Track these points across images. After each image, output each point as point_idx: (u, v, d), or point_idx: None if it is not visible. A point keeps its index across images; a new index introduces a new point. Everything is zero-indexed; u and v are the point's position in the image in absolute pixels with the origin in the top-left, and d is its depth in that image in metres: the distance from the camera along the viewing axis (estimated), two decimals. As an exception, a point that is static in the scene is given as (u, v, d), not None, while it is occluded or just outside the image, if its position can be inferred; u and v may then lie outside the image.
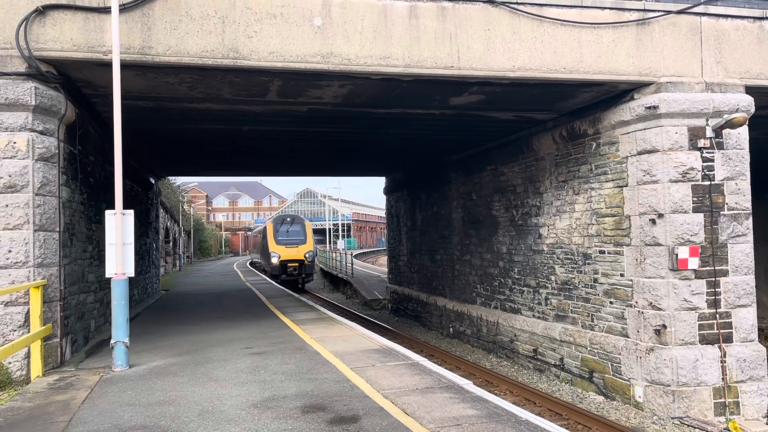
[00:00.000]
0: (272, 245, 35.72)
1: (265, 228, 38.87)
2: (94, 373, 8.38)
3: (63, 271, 8.90)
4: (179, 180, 53.65)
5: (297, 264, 35.22)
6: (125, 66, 8.36)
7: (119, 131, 8.41)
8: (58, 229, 8.71)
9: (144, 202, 19.66)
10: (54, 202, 8.64)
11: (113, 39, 8.00)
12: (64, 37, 8.13)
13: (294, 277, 34.92)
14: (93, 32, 8.19)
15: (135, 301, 17.01)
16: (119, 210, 8.46)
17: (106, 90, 8.99)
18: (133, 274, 8.62)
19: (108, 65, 8.23)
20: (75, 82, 9.27)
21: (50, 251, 8.53)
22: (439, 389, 7.03)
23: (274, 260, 34.85)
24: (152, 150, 16.37)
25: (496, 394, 9.36)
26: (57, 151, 8.68)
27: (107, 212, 8.57)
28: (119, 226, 8.42)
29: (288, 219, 38.06)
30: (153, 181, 22.09)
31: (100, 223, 11.29)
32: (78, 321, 9.98)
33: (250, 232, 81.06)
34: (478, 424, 5.70)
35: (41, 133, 8.39)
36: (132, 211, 8.65)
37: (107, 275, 8.47)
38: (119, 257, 8.40)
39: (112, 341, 8.48)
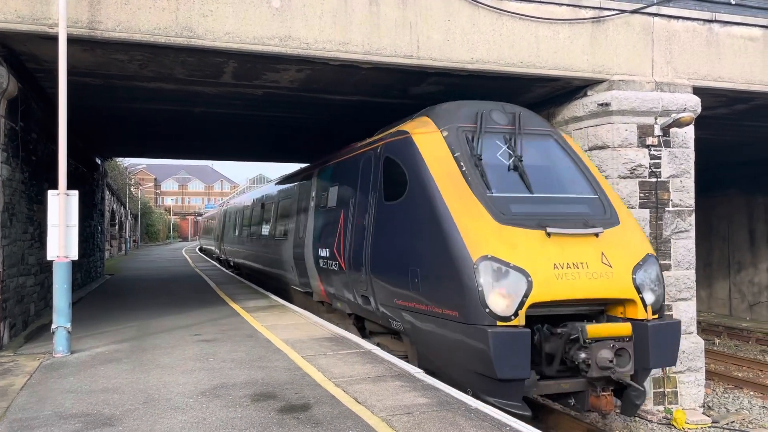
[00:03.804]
0: (472, 235, 6.93)
1: (409, 155, 8.23)
2: (34, 358, 8.07)
3: (2, 253, 8.51)
4: (127, 161, 52.14)
5: (628, 330, 6.94)
6: (72, 41, 8.00)
7: (64, 108, 8.06)
8: (-4, 209, 8.33)
9: (89, 183, 19.00)
10: (-7, 180, 8.25)
11: (60, 12, 7.64)
12: (8, 8, 7.71)
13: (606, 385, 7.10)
14: (38, 4, 7.80)
15: (78, 285, 16.47)
16: (63, 190, 8.13)
17: (52, 65, 8.60)
18: (76, 257, 8.31)
19: (54, 39, 7.86)
20: (18, 56, 8.84)
21: (-12, 231, 8.15)
22: (391, 378, 7.05)
23: (499, 306, 6.55)
24: (99, 129, 15.82)
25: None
26: (-3, 126, 8.28)
27: (50, 192, 8.22)
28: (62, 207, 8.09)
29: (507, 115, 8.42)
30: (99, 162, 21.38)
31: (42, 203, 10.85)
32: (17, 305, 9.59)
33: (200, 218, 78.91)
34: (429, 412, 5.73)
35: (-20, 107, 7.99)
36: (76, 192, 8.33)
37: (49, 258, 8.15)
38: (62, 239, 8.08)
39: (53, 326, 8.16)
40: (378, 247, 8.70)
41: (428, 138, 8.20)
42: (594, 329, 6.81)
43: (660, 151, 10.34)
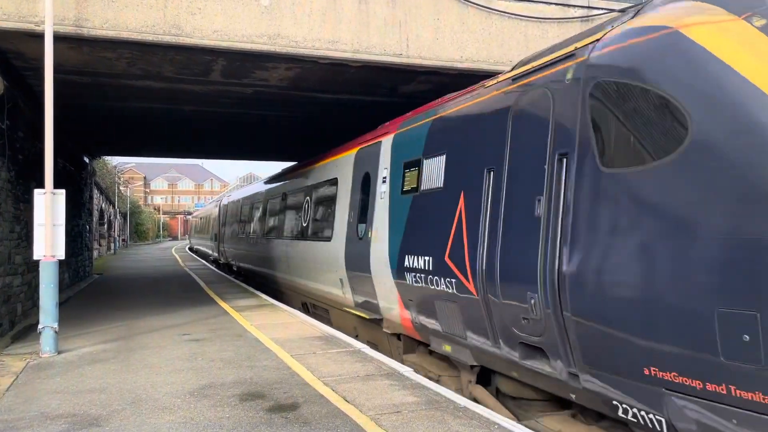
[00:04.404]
0: None
1: None
2: (20, 359, 8.00)
3: (-13, 252, 8.45)
4: (116, 160, 51.80)
5: None
6: (59, 38, 7.93)
7: (50, 107, 8.00)
8: (-18, 208, 8.25)
9: (77, 182, 18.87)
10: (-22, 179, 8.17)
11: (46, 9, 7.59)
12: (-8, 4, 7.66)
13: None
14: (24, 1, 7.73)
15: (66, 285, 16.36)
16: (49, 189, 8.06)
17: (38, 63, 8.53)
18: (63, 257, 8.25)
19: (40, 37, 7.80)
20: (4, 54, 8.76)
21: (-27, 231, 8.07)
22: (380, 376, 7.04)
23: None
24: (87, 128, 15.71)
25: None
26: (-18, 125, 8.21)
27: (36, 191, 8.16)
28: (49, 207, 8.03)
29: None
30: (87, 161, 21.25)
31: (29, 202, 10.77)
32: (3, 304, 9.51)
33: (190, 216, 78.61)
34: (417, 411, 5.73)
35: (-35, 105, 7.91)
36: (63, 191, 8.26)
37: (35, 257, 8.09)
38: (49, 239, 8.01)
39: (40, 326, 8.10)
40: (586, 258, 4.67)
41: (729, 31, 4.10)
42: None
43: (648, 150, 10.39)
